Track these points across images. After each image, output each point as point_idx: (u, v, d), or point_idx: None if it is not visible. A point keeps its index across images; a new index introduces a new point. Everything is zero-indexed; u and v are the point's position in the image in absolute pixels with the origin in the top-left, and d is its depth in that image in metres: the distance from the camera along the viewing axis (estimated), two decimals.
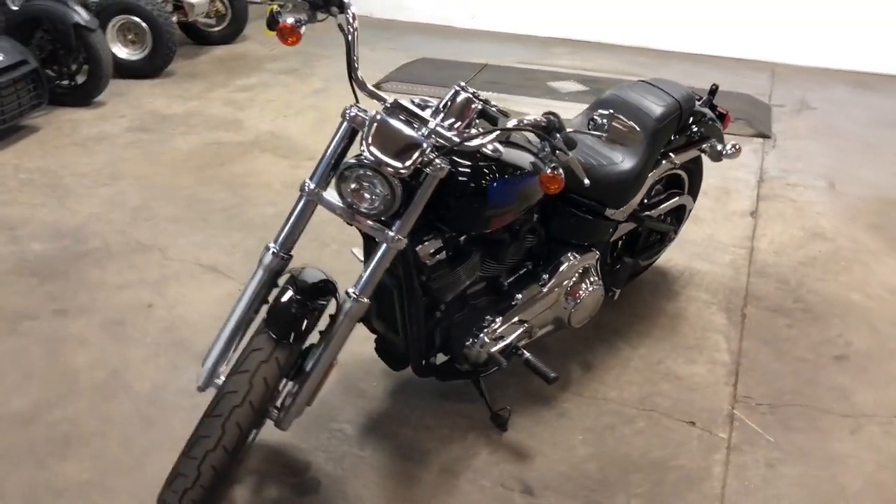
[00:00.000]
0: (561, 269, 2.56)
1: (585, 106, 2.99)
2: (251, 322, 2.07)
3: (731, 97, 5.61)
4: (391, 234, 1.96)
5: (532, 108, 4.97)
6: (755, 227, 3.92)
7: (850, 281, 3.48)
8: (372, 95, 2.04)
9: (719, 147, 3.00)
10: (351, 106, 2.01)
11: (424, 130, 1.92)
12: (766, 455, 2.46)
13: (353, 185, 1.94)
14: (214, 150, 4.51)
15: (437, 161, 1.91)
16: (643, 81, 2.92)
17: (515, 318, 2.47)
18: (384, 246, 1.98)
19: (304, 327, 1.93)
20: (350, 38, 2.00)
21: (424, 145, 1.88)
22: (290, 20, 1.97)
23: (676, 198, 3.10)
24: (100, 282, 3.16)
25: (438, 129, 1.93)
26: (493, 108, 2.10)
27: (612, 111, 1.93)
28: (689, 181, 3.21)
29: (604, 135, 1.92)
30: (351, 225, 2.05)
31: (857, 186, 4.44)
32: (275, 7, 1.96)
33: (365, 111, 1.98)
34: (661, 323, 3.09)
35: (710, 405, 2.66)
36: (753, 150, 4.86)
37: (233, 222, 3.70)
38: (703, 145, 3.01)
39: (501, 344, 2.40)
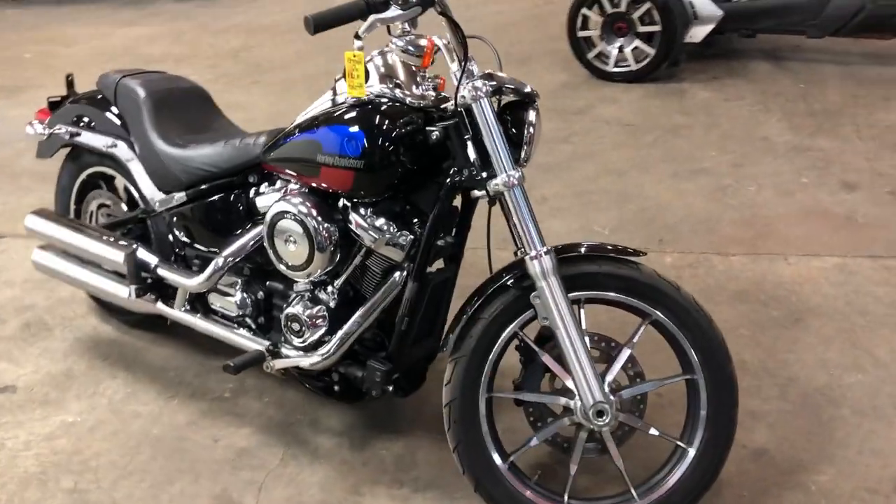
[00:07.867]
0: None
1: None
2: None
3: None
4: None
5: None
6: None
7: None
8: (466, 73, 1.93)
9: None
10: (471, 88, 1.87)
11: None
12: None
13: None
14: None
15: None
16: (155, 72, 2.83)
17: None
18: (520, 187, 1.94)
19: None
20: (454, 17, 1.92)
21: None
22: (425, 40, 1.90)
23: None
24: None
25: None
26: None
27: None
28: None
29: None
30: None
31: None
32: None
33: (477, 87, 1.88)
34: None
35: None
36: None
37: None
38: None
39: None
